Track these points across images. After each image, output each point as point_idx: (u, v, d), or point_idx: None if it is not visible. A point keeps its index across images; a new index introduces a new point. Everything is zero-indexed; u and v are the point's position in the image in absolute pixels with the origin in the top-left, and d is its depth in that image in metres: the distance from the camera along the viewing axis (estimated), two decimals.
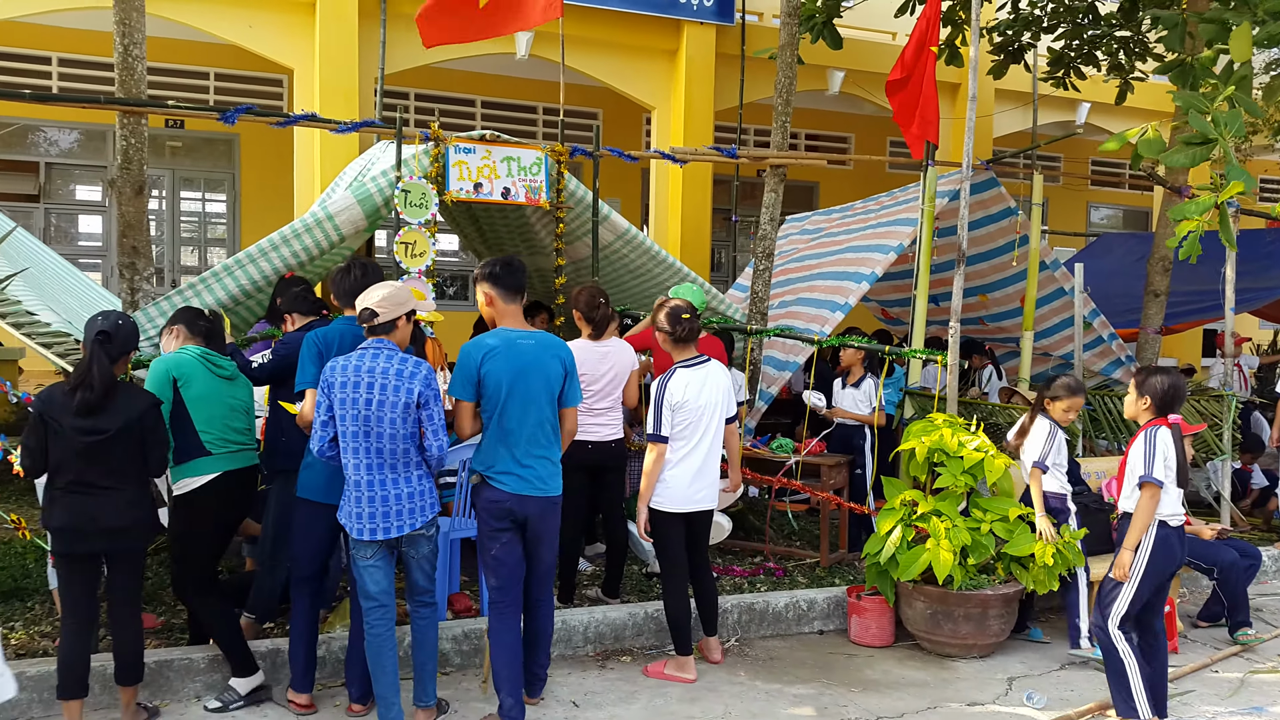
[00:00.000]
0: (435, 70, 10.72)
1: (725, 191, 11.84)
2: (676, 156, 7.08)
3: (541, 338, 4.27)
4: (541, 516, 4.22)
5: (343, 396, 3.95)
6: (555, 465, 4.28)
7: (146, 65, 5.78)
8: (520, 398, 4.13)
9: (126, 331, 4.07)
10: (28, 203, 11.45)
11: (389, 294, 4.05)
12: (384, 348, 4.03)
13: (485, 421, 4.20)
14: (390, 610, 4.10)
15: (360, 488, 3.98)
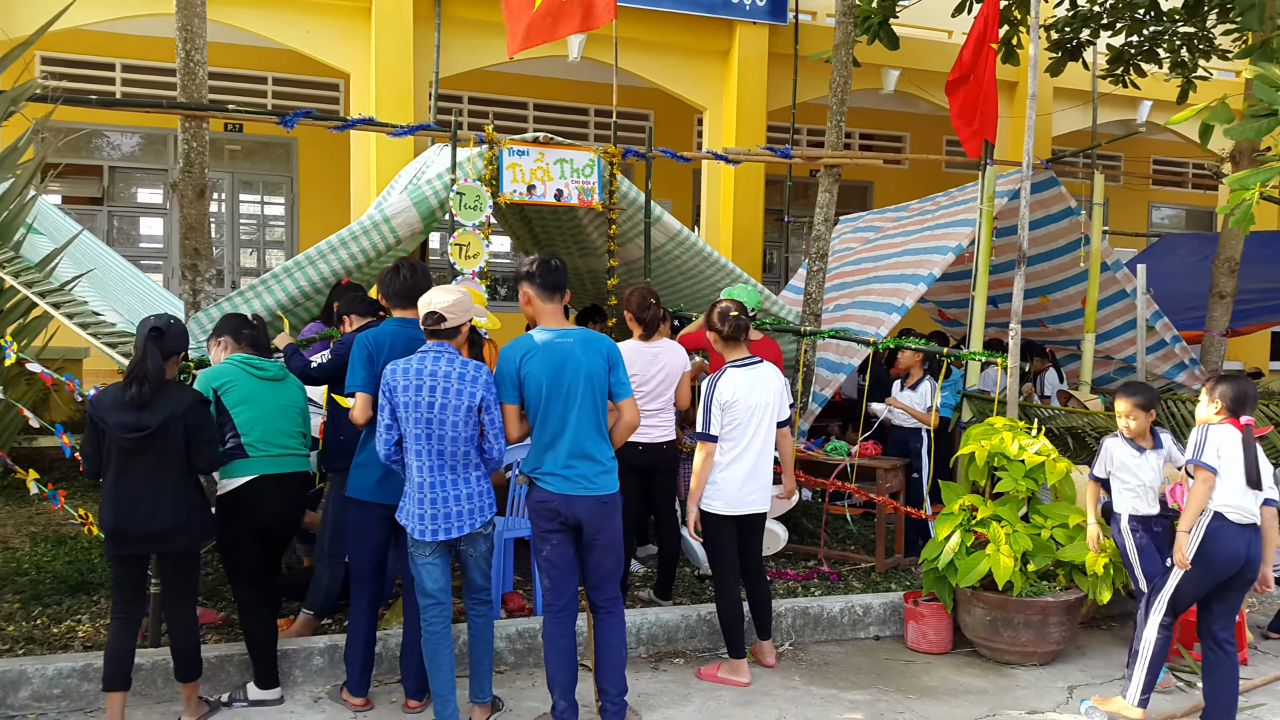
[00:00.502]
0: (488, 74, 10.80)
1: (777, 191, 11.78)
2: (729, 157, 7.05)
3: (581, 334, 4.19)
4: (593, 517, 4.11)
5: (405, 400, 3.98)
6: (603, 463, 4.14)
7: (207, 70, 5.89)
8: (561, 397, 4.07)
9: (177, 331, 4.14)
10: (92, 205, 11.74)
11: (458, 300, 4.07)
12: (445, 351, 4.05)
13: (530, 422, 4.17)
14: (447, 608, 4.13)
15: (422, 489, 4.01)
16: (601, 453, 4.16)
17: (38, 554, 6.12)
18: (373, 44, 9.89)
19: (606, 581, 4.24)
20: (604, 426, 4.20)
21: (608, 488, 4.15)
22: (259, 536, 4.45)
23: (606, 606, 4.26)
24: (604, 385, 4.16)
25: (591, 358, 4.12)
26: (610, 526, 4.17)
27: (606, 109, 12.32)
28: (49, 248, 6.04)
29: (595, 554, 4.17)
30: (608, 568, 4.21)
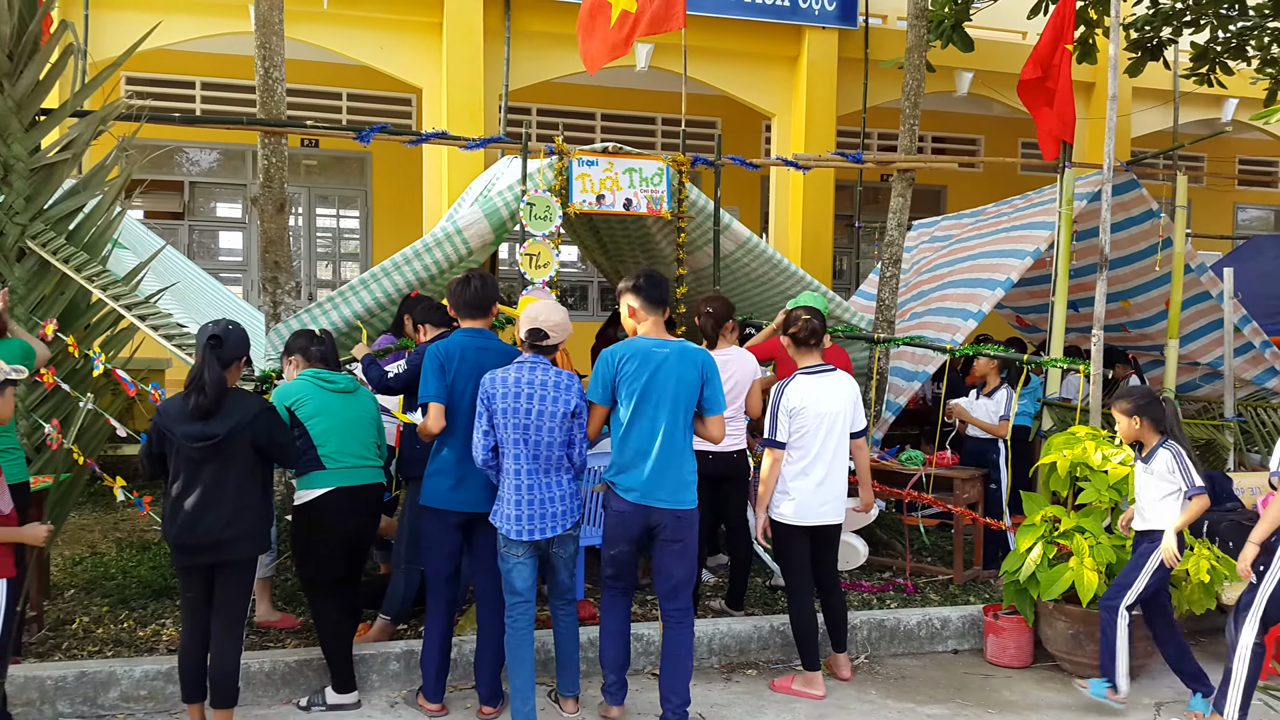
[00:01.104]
0: (556, 85, 10.89)
1: (847, 197, 11.66)
2: (800, 163, 6.99)
3: (679, 346, 4.27)
4: (669, 529, 4.20)
5: (504, 406, 4.12)
6: (684, 477, 4.23)
7: (285, 87, 6.02)
8: (651, 406, 4.16)
9: (236, 337, 4.16)
10: (173, 220, 12.09)
11: (561, 321, 4.29)
12: (540, 362, 4.23)
13: (615, 429, 4.27)
14: (531, 606, 4.25)
15: (519, 491, 4.13)
16: (684, 466, 4.24)
17: (123, 559, 6.30)
18: (444, 59, 10.03)
19: (678, 591, 4.29)
20: (689, 439, 4.28)
21: (686, 502, 4.24)
22: (335, 547, 4.52)
23: (676, 617, 4.32)
24: (693, 398, 4.24)
25: (686, 369, 4.21)
26: (685, 538, 4.25)
27: (674, 117, 12.33)
28: (134, 262, 6.23)
29: (667, 563, 4.25)
30: (679, 577, 4.27)
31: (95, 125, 5.57)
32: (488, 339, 4.42)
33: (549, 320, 4.25)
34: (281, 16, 5.96)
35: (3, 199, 5.33)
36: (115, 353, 5.40)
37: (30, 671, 4.46)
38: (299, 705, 4.53)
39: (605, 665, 4.43)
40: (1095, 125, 11.50)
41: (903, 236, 7.01)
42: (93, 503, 7.78)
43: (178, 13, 9.21)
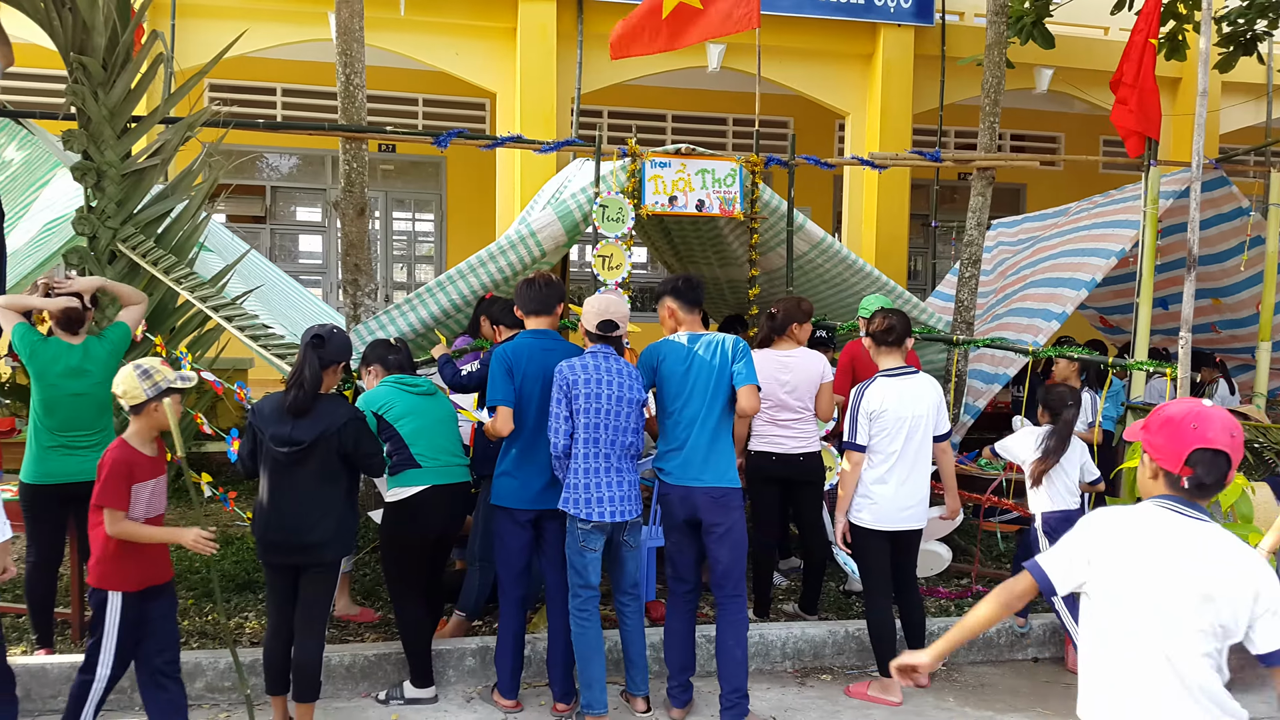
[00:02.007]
0: (627, 88, 10.92)
1: (922, 196, 11.50)
2: (876, 162, 6.90)
3: (709, 337, 4.43)
4: (708, 510, 4.30)
5: (586, 392, 4.25)
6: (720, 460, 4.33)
7: (366, 93, 6.14)
8: (686, 396, 4.34)
9: (339, 341, 4.27)
10: (255, 224, 12.41)
11: (627, 311, 4.46)
12: (610, 353, 4.37)
13: (661, 420, 4.45)
14: (598, 598, 4.34)
15: (594, 474, 4.24)
16: (720, 448, 4.36)
17: None
18: (518, 63, 10.13)
19: (725, 577, 4.38)
20: (725, 423, 4.39)
21: (724, 481, 4.34)
22: (424, 545, 4.60)
23: (724, 603, 4.39)
24: (725, 381, 4.34)
25: (714, 355, 4.36)
26: (726, 521, 4.33)
27: (745, 118, 12.28)
28: (219, 264, 6.42)
29: (712, 548, 4.37)
30: (725, 562, 4.36)
31: (183, 132, 5.74)
32: (553, 340, 4.50)
33: (618, 311, 4.40)
34: (362, 24, 6.08)
35: (96, 203, 5.53)
36: (202, 353, 5.55)
37: None
38: (377, 698, 4.61)
39: (669, 667, 4.48)
40: (1181, 122, 11.15)
41: (982, 236, 6.88)
42: (177, 498, 8.00)
43: (260, 21, 9.45)
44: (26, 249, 6.59)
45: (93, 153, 5.51)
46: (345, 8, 6.03)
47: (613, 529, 4.29)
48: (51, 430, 4.66)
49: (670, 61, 9.80)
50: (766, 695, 4.78)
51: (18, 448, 5.42)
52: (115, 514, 3.70)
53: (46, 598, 4.77)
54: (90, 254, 5.49)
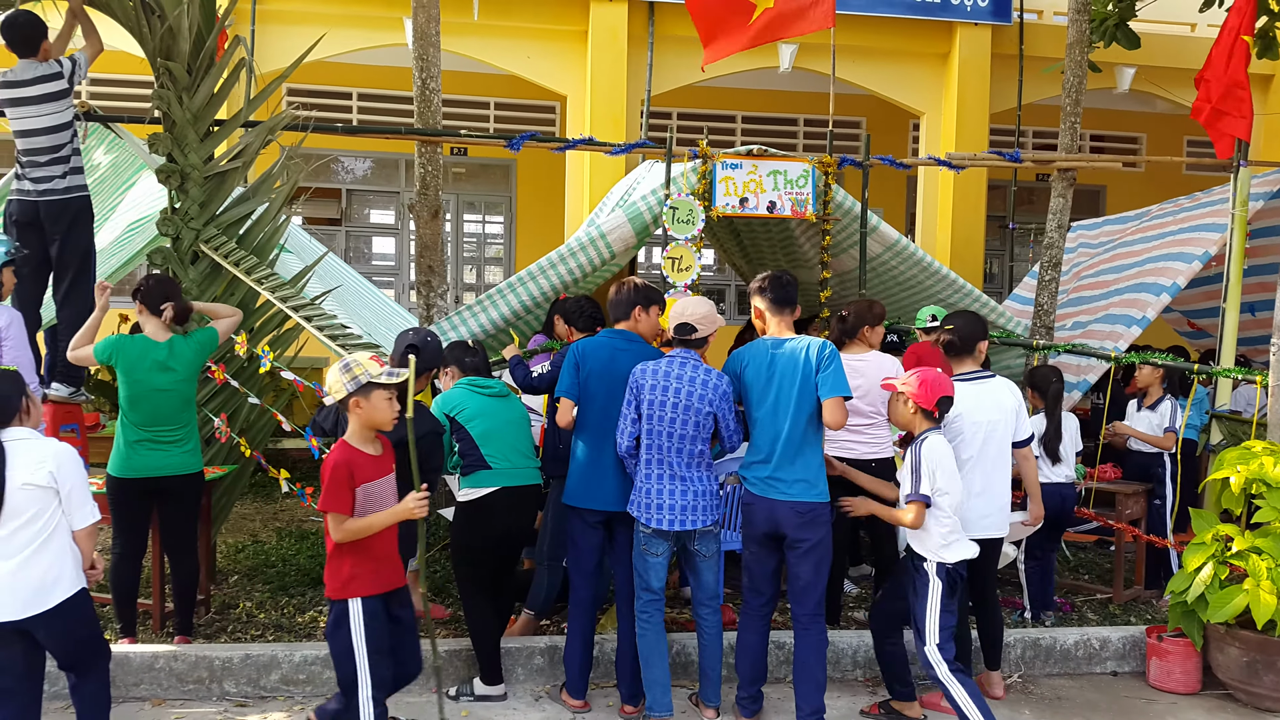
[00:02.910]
0: (697, 89, 10.88)
1: (999, 197, 11.27)
2: (954, 162, 6.78)
3: (794, 342, 4.27)
4: (793, 525, 4.17)
5: (651, 398, 4.21)
6: (808, 472, 4.18)
7: (441, 97, 6.21)
8: (769, 401, 4.21)
9: (432, 349, 4.38)
10: (331, 226, 12.64)
11: (707, 313, 4.34)
12: (690, 358, 4.29)
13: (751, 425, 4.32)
14: (662, 604, 4.32)
15: (662, 481, 4.21)
16: (808, 460, 4.21)
17: (283, 548, 6.62)
18: (589, 66, 10.17)
19: (805, 594, 4.25)
20: (811, 434, 4.23)
21: (809, 496, 4.18)
22: (494, 545, 4.64)
23: (804, 621, 4.29)
24: (812, 389, 4.19)
25: (799, 363, 4.20)
26: (812, 538, 4.19)
27: (816, 118, 12.17)
28: (298, 266, 6.54)
29: (793, 563, 4.25)
30: (806, 578, 4.23)
31: (264, 135, 5.87)
32: (630, 341, 4.50)
33: (695, 313, 4.33)
34: (438, 29, 6.16)
35: (180, 205, 5.67)
36: (281, 351, 5.67)
37: (200, 652, 4.72)
38: (448, 694, 4.65)
39: (740, 676, 4.41)
40: (1272, 121, 10.76)
41: (1063, 239, 6.72)
42: (253, 493, 8.20)
43: (337, 26, 9.62)
44: (112, 248, 6.80)
45: (177, 156, 5.66)
46: (422, 13, 6.11)
47: (681, 537, 4.25)
48: (136, 425, 4.79)
49: (741, 62, 9.73)
50: (838, 703, 4.71)
51: (104, 442, 5.61)
52: (338, 518, 3.57)
53: (130, 588, 4.90)
54: (174, 254, 5.64)
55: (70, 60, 5.51)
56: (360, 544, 3.62)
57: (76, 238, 5.54)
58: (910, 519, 4.17)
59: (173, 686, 4.67)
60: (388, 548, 3.74)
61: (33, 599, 3.43)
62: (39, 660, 3.61)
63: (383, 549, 3.71)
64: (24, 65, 5.39)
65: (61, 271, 5.54)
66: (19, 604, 3.42)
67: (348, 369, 3.62)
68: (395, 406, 3.64)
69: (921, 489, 4.15)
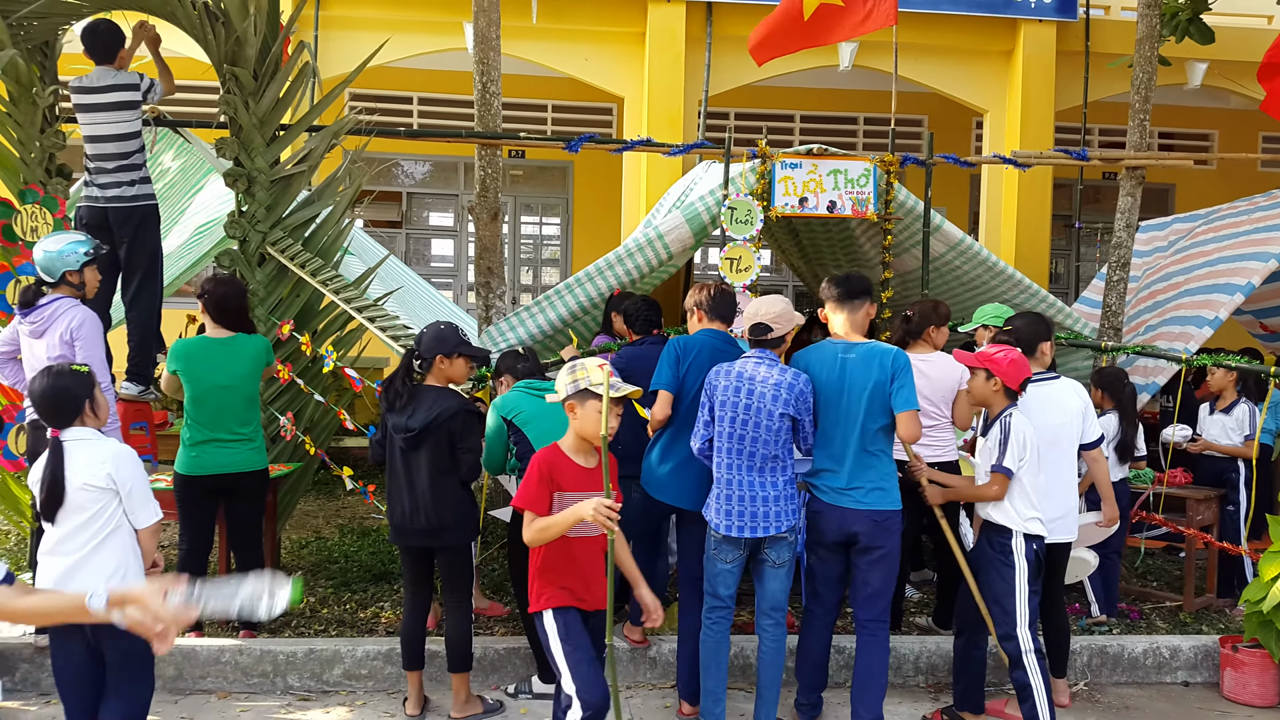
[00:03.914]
0: (755, 89, 10.83)
1: (1064, 196, 11.05)
2: (1019, 161, 6.65)
3: (866, 347, 4.16)
4: (865, 533, 4.09)
5: (724, 399, 4.14)
6: (881, 480, 4.11)
7: (501, 101, 6.26)
8: (836, 408, 4.13)
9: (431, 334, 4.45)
10: (391, 228, 12.80)
11: (782, 311, 4.23)
12: (766, 358, 4.19)
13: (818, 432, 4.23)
14: (730, 613, 4.24)
15: (731, 486, 4.13)
16: (878, 467, 4.13)
17: (345, 544, 6.71)
18: (646, 67, 10.18)
19: (873, 600, 4.19)
20: (884, 441, 4.15)
21: (882, 504, 4.10)
22: None
23: (871, 628, 4.21)
24: (883, 398, 4.09)
25: (871, 370, 4.10)
26: (885, 545, 4.12)
27: (876, 117, 12.04)
28: (360, 268, 6.64)
29: (863, 570, 4.17)
30: (875, 585, 4.16)
31: (328, 139, 5.96)
32: (727, 341, 4.52)
33: (769, 312, 4.22)
34: (498, 33, 6.20)
35: (246, 208, 5.79)
36: (344, 352, 5.75)
37: (265, 646, 4.81)
38: (507, 692, 4.69)
39: (799, 681, 4.37)
40: None
41: (1131, 238, 6.56)
42: (316, 490, 8.33)
43: (398, 31, 9.74)
44: (180, 250, 6.97)
45: (244, 160, 5.78)
46: (483, 17, 6.16)
47: (752, 544, 4.14)
48: (201, 424, 4.89)
49: (799, 61, 9.66)
50: (899, 709, 4.65)
51: (172, 439, 5.74)
52: (529, 516, 3.38)
53: None
54: (241, 256, 5.75)
55: (149, 80, 5.65)
56: (560, 557, 3.42)
57: (144, 241, 5.67)
58: (995, 490, 4.15)
59: (238, 680, 4.76)
60: (594, 568, 3.48)
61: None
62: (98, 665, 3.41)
63: (588, 566, 3.47)
64: (100, 72, 5.53)
65: (130, 274, 5.68)
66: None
67: (573, 371, 3.45)
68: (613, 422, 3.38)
69: (1006, 461, 4.12)
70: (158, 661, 4.67)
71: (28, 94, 5.56)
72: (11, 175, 5.78)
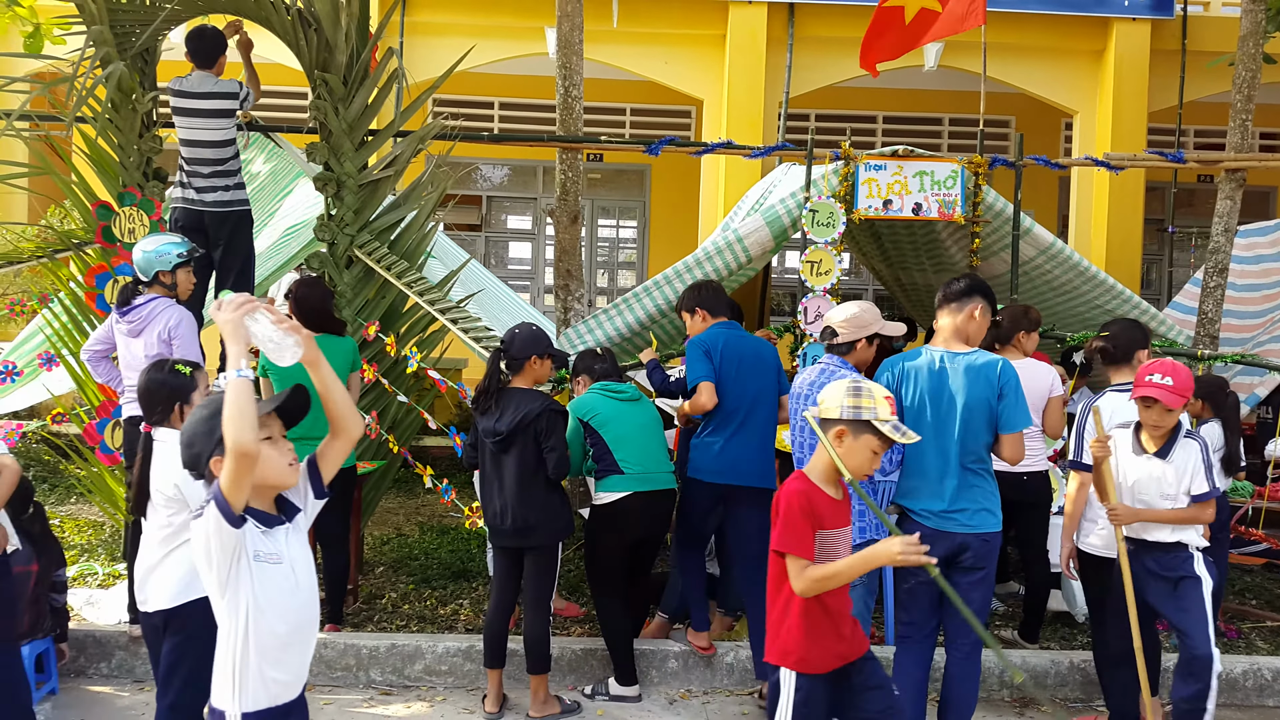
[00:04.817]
0: (836, 90, 10.72)
1: (1157, 199, 10.72)
2: (1112, 163, 6.46)
3: (969, 359, 3.87)
4: (980, 554, 3.82)
5: (796, 407, 4.11)
6: (981, 499, 3.84)
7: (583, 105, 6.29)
8: (930, 423, 3.83)
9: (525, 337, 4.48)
10: (470, 231, 12.98)
11: (854, 315, 4.07)
12: (833, 365, 4.08)
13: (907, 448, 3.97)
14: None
15: None
16: (980, 487, 3.85)
17: (425, 541, 6.80)
18: (726, 70, 10.15)
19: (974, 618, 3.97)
20: (987, 460, 3.88)
21: (984, 526, 3.83)
22: (626, 549, 4.69)
23: (965, 648, 3.98)
24: (987, 415, 3.80)
25: (974, 384, 3.81)
26: (988, 565, 3.87)
27: (961, 117, 11.82)
28: (441, 271, 6.73)
29: (964, 590, 3.86)
30: (977, 604, 3.91)
31: (414, 145, 6.06)
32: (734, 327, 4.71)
33: (837, 317, 4.12)
34: (581, 38, 6.24)
35: (335, 212, 5.91)
36: (427, 353, 5.84)
37: (349, 640, 4.89)
38: (584, 693, 4.70)
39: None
40: None
41: (1230, 243, 6.32)
42: (396, 488, 8.46)
43: (481, 38, 9.86)
44: (269, 252, 7.14)
45: (333, 164, 5.90)
46: (566, 22, 6.20)
47: None
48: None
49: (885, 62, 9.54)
50: None
51: None
52: (798, 563, 2.92)
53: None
54: (329, 259, 5.88)
55: (246, 89, 5.80)
56: (820, 612, 2.98)
57: (238, 244, 5.82)
58: (1210, 514, 3.97)
59: (322, 673, 4.84)
60: (848, 615, 3.07)
61: (172, 592, 3.34)
62: None
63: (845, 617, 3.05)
64: (200, 77, 5.69)
65: (223, 275, 5.83)
66: (162, 595, 3.35)
67: (856, 395, 2.97)
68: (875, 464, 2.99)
69: (1219, 482, 3.96)
70: None
71: (128, 100, 5.75)
72: (111, 179, 5.98)
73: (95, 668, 4.85)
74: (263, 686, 2.40)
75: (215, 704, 2.42)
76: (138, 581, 3.44)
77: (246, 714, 2.38)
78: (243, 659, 2.38)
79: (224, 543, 2.33)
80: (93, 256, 5.92)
